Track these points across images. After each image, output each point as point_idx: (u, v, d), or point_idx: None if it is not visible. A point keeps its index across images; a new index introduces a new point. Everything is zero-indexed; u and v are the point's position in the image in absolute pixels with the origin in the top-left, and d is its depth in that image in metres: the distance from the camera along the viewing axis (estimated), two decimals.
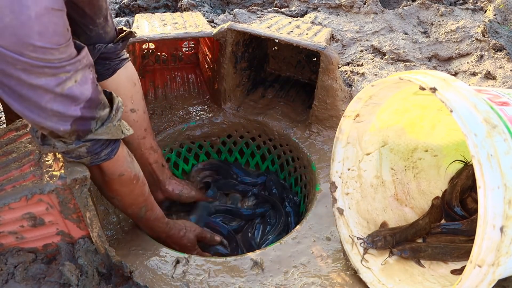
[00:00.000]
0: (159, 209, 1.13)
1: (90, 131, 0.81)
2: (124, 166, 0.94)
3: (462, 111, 0.71)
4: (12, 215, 0.87)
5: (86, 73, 0.76)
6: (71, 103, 0.74)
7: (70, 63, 0.71)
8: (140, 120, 1.18)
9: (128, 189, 0.99)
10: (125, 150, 0.94)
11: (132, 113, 1.15)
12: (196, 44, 1.73)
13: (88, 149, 0.83)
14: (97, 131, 0.82)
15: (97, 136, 0.82)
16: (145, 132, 1.21)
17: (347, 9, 2.25)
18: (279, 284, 0.99)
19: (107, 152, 0.87)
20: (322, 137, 1.43)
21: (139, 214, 1.07)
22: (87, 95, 0.76)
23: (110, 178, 0.94)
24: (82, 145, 0.82)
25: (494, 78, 1.67)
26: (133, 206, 1.05)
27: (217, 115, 1.56)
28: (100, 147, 0.85)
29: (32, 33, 0.63)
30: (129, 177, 0.97)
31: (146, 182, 1.05)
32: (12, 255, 0.92)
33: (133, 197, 1.03)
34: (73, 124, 0.77)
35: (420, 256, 0.99)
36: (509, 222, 0.67)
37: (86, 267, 0.94)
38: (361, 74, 1.77)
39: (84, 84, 0.75)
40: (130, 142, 1.18)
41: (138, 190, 1.02)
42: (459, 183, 1.13)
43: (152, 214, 1.10)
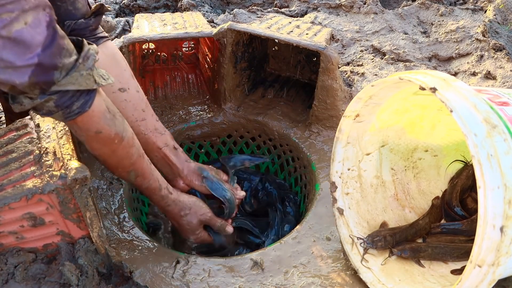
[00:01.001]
0: (155, 178, 1.03)
1: (53, 83, 0.72)
2: (101, 123, 0.84)
3: (462, 111, 0.71)
4: (12, 215, 0.87)
5: (40, 15, 0.67)
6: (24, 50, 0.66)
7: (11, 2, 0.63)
8: (134, 100, 1.08)
9: (108, 149, 0.90)
10: (103, 105, 0.84)
11: (121, 93, 1.05)
12: (196, 44, 1.73)
13: (56, 102, 0.75)
14: (61, 81, 0.73)
15: (62, 87, 0.73)
16: (143, 113, 1.10)
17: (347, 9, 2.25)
18: (279, 284, 0.99)
19: (80, 104, 0.78)
20: (322, 137, 1.43)
21: (128, 178, 0.99)
22: (40, 40, 0.67)
23: (87, 135, 0.86)
24: (48, 98, 0.73)
25: (494, 78, 1.68)
26: (118, 169, 0.96)
27: (217, 115, 1.56)
28: (70, 100, 0.76)
29: None
30: (108, 135, 0.87)
31: (135, 145, 0.95)
32: (12, 255, 0.92)
33: (116, 159, 0.93)
34: (32, 76, 0.68)
35: (420, 256, 0.99)
36: (509, 222, 0.67)
37: (86, 267, 0.94)
38: (361, 74, 1.77)
39: (36, 28, 0.67)
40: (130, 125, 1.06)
41: (122, 151, 0.92)
42: (459, 183, 1.13)
43: (144, 182, 1.01)
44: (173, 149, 1.16)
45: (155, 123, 1.13)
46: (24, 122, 1.02)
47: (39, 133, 0.98)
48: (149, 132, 1.12)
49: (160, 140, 1.13)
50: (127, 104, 1.07)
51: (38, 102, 0.73)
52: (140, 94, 1.10)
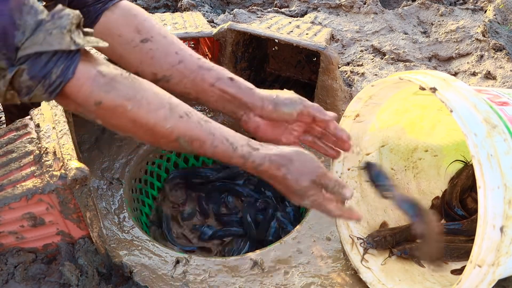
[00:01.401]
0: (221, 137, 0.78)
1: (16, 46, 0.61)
2: (96, 91, 0.69)
3: (462, 111, 0.71)
4: (12, 215, 0.87)
5: None
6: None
7: None
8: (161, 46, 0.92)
9: (126, 120, 0.73)
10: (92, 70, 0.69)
11: (145, 44, 0.90)
12: (196, 44, 1.73)
13: (29, 73, 0.63)
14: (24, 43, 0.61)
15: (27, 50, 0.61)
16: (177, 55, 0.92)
17: (347, 9, 2.25)
18: (279, 284, 0.99)
19: (59, 72, 0.65)
20: None
21: (185, 149, 0.78)
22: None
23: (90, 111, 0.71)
24: (18, 69, 0.62)
25: (494, 78, 1.68)
26: (160, 140, 0.77)
27: (217, 115, 1.56)
28: (45, 67, 0.64)
29: None
30: (112, 104, 0.70)
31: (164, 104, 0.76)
32: (12, 255, 0.92)
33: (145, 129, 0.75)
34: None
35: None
36: (509, 222, 0.67)
37: (86, 267, 0.94)
38: (361, 74, 1.77)
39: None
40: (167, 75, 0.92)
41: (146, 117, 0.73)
42: (459, 183, 1.13)
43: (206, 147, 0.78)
44: (229, 80, 0.93)
45: (197, 61, 0.93)
46: (24, 122, 1.02)
47: (39, 133, 0.98)
48: (193, 73, 0.92)
49: (209, 76, 0.92)
50: (155, 53, 0.91)
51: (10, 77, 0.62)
52: (168, 38, 0.94)
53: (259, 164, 0.79)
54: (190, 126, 0.77)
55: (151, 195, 1.40)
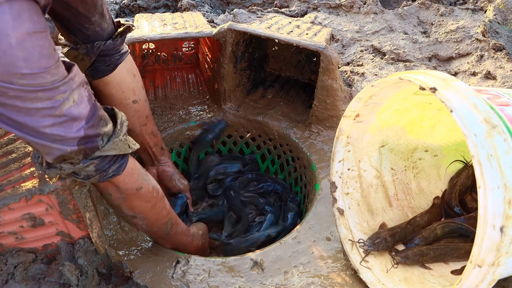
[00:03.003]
0: (181, 222, 1.11)
1: (97, 148, 0.79)
2: (140, 179, 0.92)
3: (462, 111, 0.71)
4: (12, 215, 0.87)
5: (81, 91, 0.74)
6: (71, 125, 0.72)
7: (63, 83, 0.69)
8: (142, 109, 1.19)
9: (150, 204, 0.97)
10: (137, 164, 0.92)
11: (134, 104, 1.15)
12: (196, 44, 1.73)
13: (96, 166, 0.81)
14: (104, 147, 0.79)
15: (104, 152, 0.80)
16: (146, 119, 1.22)
17: (347, 9, 2.25)
18: (279, 284, 0.99)
19: (115, 168, 0.84)
20: (322, 137, 1.43)
21: (165, 230, 1.05)
22: (85, 113, 0.74)
23: (128, 194, 0.92)
24: (90, 163, 0.79)
25: (494, 78, 1.67)
26: (158, 222, 1.02)
27: (217, 115, 1.56)
28: (108, 164, 0.83)
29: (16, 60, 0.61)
30: (148, 190, 0.94)
31: (164, 196, 1.03)
32: (12, 255, 0.92)
33: (156, 212, 1.00)
34: (79, 144, 0.75)
35: (424, 260, 0.98)
36: (509, 222, 0.67)
37: (86, 267, 0.94)
38: (361, 74, 1.76)
39: (81, 103, 0.73)
40: (133, 129, 1.19)
41: (160, 203, 0.99)
42: (458, 182, 1.13)
43: (177, 229, 1.08)
44: (160, 149, 1.34)
45: (152, 127, 1.27)
46: None
47: None
48: (146, 134, 1.25)
49: (153, 141, 1.29)
50: (137, 113, 1.17)
51: (79, 167, 0.78)
52: (146, 103, 1.21)
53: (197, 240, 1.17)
54: (173, 213, 1.07)
55: None
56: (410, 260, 0.98)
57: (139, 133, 1.22)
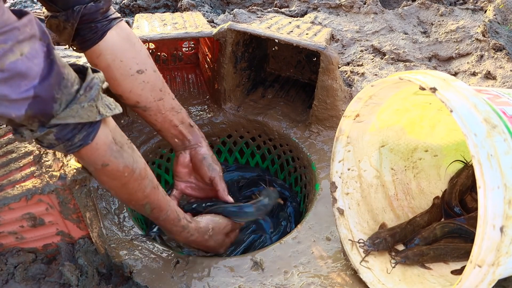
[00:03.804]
0: (173, 209, 0.98)
1: (52, 116, 0.68)
2: (107, 156, 0.79)
3: (462, 111, 0.71)
4: (12, 215, 0.87)
5: (37, 46, 0.64)
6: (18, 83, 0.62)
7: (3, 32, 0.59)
8: (151, 80, 1.05)
9: (118, 183, 0.85)
10: (109, 136, 0.80)
11: (140, 75, 1.02)
12: (196, 44, 1.73)
13: (56, 135, 0.71)
14: (60, 114, 0.68)
15: (61, 120, 0.69)
16: (161, 92, 1.07)
17: (347, 9, 2.25)
18: (279, 284, 0.99)
19: (82, 137, 0.74)
20: (322, 137, 1.43)
21: (144, 211, 0.95)
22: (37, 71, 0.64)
23: (94, 168, 0.81)
24: (48, 131, 0.70)
25: (494, 78, 1.67)
26: (132, 201, 0.92)
27: (217, 115, 1.56)
28: (71, 133, 0.72)
29: None
30: (116, 168, 0.82)
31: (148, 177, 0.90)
32: (12, 255, 0.92)
33: (128, 192, 0.89)
34: (28, 109, 0.64)
35: (424, 260, 0.98)
36: (509, 222, 0.67)
37: (86, 267, 0.94)
38: (361, 74, 1.77)
39: (33, 59, 0.63)
40: (148, 106, 1.06)
41: (134, 184, 0.87)
42: (458, 182, 1.13)
43: (161, 214, 0.96)
44: (189, 127, 1.15)
45: (172, 102, 1.11)
46: None
47: None
48: (166, 111, 1.09)
49: (177, 118, 1.12)
50: (146, 86, 1.04)
51: (38, 135, 0.70)
52: (157, 73, 1.07)
53: (191, 235, 1.02)
54: (158, 196, 0.94)
55: None
56: (410, 260, 0.98)
57: (156, 110, 1.07)
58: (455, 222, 1.05)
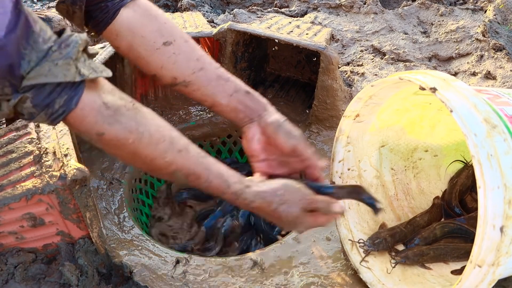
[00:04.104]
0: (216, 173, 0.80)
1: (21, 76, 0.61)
2: (99, 123, 0.69)
3: (462, 111, 0.71)
4: (12, 215, 0.87)
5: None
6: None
7: None
8: (183, 50, 0.91)
9: (125, 152, 0.74)
10: (98, 100, 0.69)
11: (167, 47, 0.90)
12: None
13: (33, 101, 0.63)
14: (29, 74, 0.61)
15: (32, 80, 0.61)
16: (199, 62, 0.92)
17: (347, 9, 2.25)
18: (279, 284, 0.99)
19: (63, 102, 0.65)
20: (322, 137, 1.43)
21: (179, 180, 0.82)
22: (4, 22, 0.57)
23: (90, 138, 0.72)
24: (22, 97, 0.62)
25: (494, 78, 1.67)
26: (156, 171, 0.79)
27: (217, 115, 1.56)
28: (49, 97, 0.64)
29: None
30: (115, 136, 0.71)
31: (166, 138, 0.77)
32: (12, 255, 0.92)
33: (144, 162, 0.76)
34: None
35: (424, 260, 0.98)
36: (509, 222, 0.67)
37: (86, 267, 0.94)
38: (361, 74, 1.77)
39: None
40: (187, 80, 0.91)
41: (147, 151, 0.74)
42: (458, 182, 1.13)
43: (200, 182, 0.80)
44: (246, 94, 0.94)
45: (216, 71, 0.94)
46: (24, 122, 1.02)
47: (39, 133, 0.98)
48: (212, 81, 0.93)
49: (228, 87, 0.93)
50: (177, 58, 0.91)
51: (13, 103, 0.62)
52: (189, 43, 0.93)
53: (251, 201, 0.82)
54: (188, 160, 0.79)
55: (151, 195, 1.40)
56: (410, 260, 0.98)
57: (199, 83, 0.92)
58: (455, 222, 1.05)
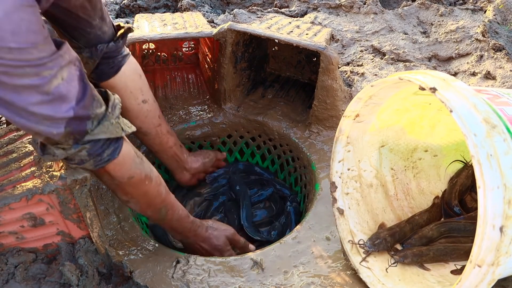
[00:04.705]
0: (182, 208, 1.09)
1: (86, 132, 0.77)
2: (133, 169, 0.91)
3: (461, 111, 0.71)
4: (12, 215, 0.87)
5: (72, 70, 0.72)
6: (60, 103, 0.70)
7: (51, 60, 0.67)
8: (153, 109, 1.20)
9: (141, 191, 0.96)
10: (132, 151, 0.91)
11: (144, 104, 1.17)
12: (196, 44, 1.73)
13: (89, 151, 0.79)
14: (93, 131, 0.77)
15: (94, 136, 0.78)
16: (159, 119, 1.23)
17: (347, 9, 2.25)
18: (279, 284, 0.99)
19: (110, 152, 0.83)
20: (322, 137, 1.43)
21: (160, 215, 1.05)
22: (74, 93, 0.72)
23: (120, 182, 0.91)
24: (81, 148, 0.78)
25: (493, 78, 1.68)
26: (151, 207, 1.02)
27: (217, 115, 1.56)
28: (101, 148, 0.81)
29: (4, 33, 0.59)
30: (140, 178, 0.93)
31: (162, 182, 1.02)
32: (12, 255, 0.92)
33: (149, 199, 1.00)
34: (67, 126, 0.72)
35: (423, 260, 0.98)
36: (508, 222, 0.67)
37: (86, 267, 0.94)
38: (361, 74, 1.77)
39: (71, 82, 0.71)
40: (149, 132, 1.22)
41: (153, 190, 0.98)
42: (458, 182, 1.13)
43: (174, 214, 1.07)
44: (179, 147, 1.35)
45: (167, 126, 1.28)
46: None
47: None
48: (163, 135, 1.26)
49: (171, 140, 1.30)
50: (149, 114, 1.19)
51: (72, 152, 0.77)
52: (155, 102, 1.23)
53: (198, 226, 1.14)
54: (171, 199, 1.06)
55: None
56: (409, 260, 0.98)
57: (155, 135, 1.24)
58: (452, 220, 1.05)
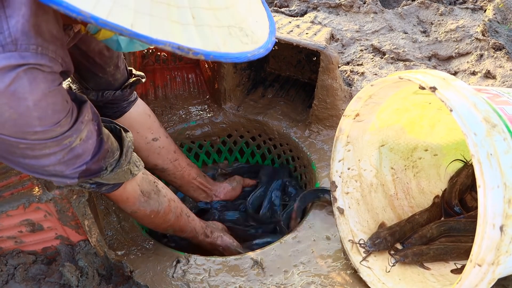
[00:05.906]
0: (192, 228, 1.12)
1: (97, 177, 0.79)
2: (136, 205, 0.94)
3: (461, 110, 0.71)
4: (10, 221, 0.86)
5: (90, 127, 0.73)
6: (74, 162, 0.71)
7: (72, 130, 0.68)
8: (166, 145, 1.21)
9: (146, 221, 1.01)
10: (137, 190, 0.92)
11: (155, 142, 1.18)
12: None
13: (91, 185, 0.82)
14: (105, 176, 0.80)
15: (104, 181, 0.81)
16: (175, 154, 1.24)
17: (347, 8, 2.25)
18: (279, 283, 0.99)
19: (108, 189, 0.86)
20: (322, 137, 1.43)
21: (167, 232, 1.11)
22: (91, 149, 0.73)
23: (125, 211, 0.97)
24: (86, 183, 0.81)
25: (493, 77, 1.67)
26: (158, 229, 1.07)
27: (217, 114, 1.56)
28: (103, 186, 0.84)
29: (32, 120, 0.62)
30: (144, 214, 0.96)
31: (172, 210, 1.03)
32: (12, 257, 0.92)
33: (154, 226, 1.04)
34: (80, 177, 0.74)
35: (423, 259, 0.98)
36: (508, 221, 0.67)
37: (86, 268, 0.94)
38: (361, 73, 1.76)
39: (88, 140, 0.72)
40: (166, 167, 1.22)
41: (159, 220, 1.01)
42: (458, 182, 1.13)
43: (182, 234, 1.12)
44: (204, 177, 1.36)
45: (186, 160, 1.29)
46: None
47: None
48: (183, 168, 1.27)
49: (194, 172, 1.31)
50: (161, 150, 1.20)
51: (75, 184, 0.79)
52: (169, 139, 1.23)
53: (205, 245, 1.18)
54: (180, 222, 1.07)
55: None
56: (409, 259, 0.98)
57: (174, 169, 1.24)
58: (452, 220, 1.05)
